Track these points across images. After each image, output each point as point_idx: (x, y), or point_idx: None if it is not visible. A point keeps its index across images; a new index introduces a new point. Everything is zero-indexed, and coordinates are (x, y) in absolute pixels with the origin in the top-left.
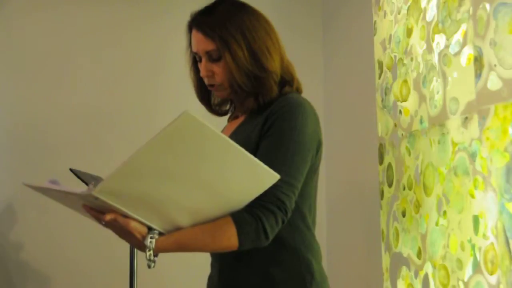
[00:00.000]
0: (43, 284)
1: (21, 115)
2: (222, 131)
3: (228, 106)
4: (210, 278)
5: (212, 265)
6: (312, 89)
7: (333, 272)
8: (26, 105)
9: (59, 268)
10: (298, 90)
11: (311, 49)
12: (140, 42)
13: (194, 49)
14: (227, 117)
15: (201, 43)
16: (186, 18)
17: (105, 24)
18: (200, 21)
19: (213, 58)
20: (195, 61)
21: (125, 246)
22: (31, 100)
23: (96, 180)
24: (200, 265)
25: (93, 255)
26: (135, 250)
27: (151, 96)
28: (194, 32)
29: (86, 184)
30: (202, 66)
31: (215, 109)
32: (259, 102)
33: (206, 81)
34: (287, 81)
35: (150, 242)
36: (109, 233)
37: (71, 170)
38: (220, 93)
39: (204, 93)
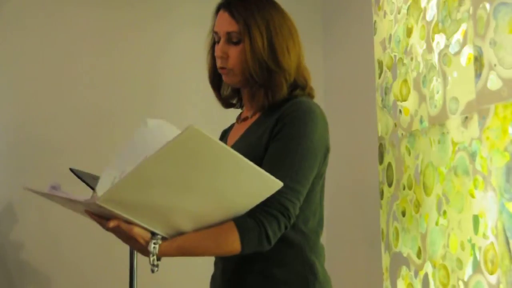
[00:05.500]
0: (43, 284)
1: (21, 115)
2: (230, 131)
3: (235, 101)
4: (213, 277)
5: (216, 265)
6: None
7: (333, 272)
8: (26, 105)
9: (59, 268)
10: (310, 96)
11: (311, 49)
12: (141, 43)
13: (216, 29)
14: (231, 118)
15: (225, 22)
16: (186, 19)
17: (106, 24)
18: (230, 3)
19: (232, 40)
20: (214, 45)
21: (125, 246)
22: (31, 100)
23: (97, 180)
24: (200, 265)
25: (93, 255)
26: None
27: (151, 96)
28: (221, 12)
29: (86, 184)
30: (218, 47)
31: (223, 99)
32: (268, 98)
33: (218, 62)
34: (300, 86)
35: (154, 247)
36: (109, 233)
37: (71, 170)
38: (230, 79)
39: (216, 79)
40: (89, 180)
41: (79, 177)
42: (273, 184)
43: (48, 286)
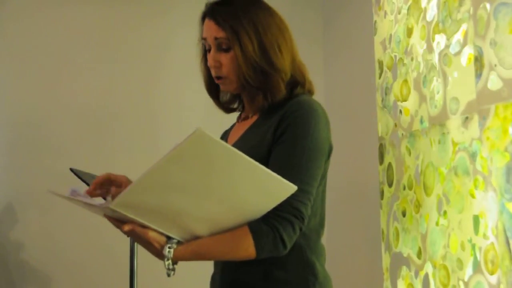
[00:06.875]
0: (43, 284)
1: (21, 115)
2: (231, 131)
3: (236, 104)
4: (213, 278)
5: (216, 265)
6: None
7: (333, 272)
8: (26, 105)
9: (59, 268)
10: (310, 92)
11: (311, 49)
12: (141, 42)
13: (204, 35)
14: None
15: (212, 30)
16: (187, 17)
17: (106, 23)
18: (213, 10)
19: (222, 47)
20: (205, 54)
21: (125, 246)
22: (31, 100)
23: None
24: (201, 264)
25: (93, 255)
26: (135, 250)
27: (151, 96)
28: (206, 20)
29: (86, 184)
30: (210, 56)
31: (223, 106)
32: (267, 100)
33: (213, 72)
34: (299, 82)
35: (168, 252)
36: (109, 233)
37: (71, 169)
38: (227, 87)
39: (213, 87)
40: (89, 180)
41: (79, 177)
42: (287, 188)
43: (48, 286)
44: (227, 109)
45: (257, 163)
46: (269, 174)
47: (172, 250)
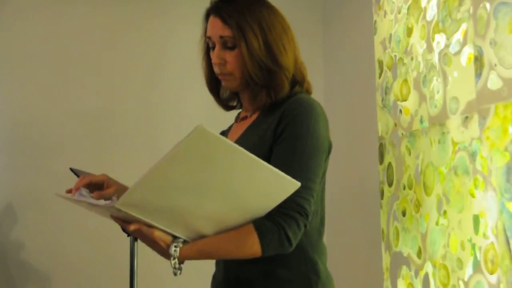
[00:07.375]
0: (43, 284)
1: (21, 115)
2: (229, 131)
3: (235, 103)
4: (214, 277)
5: (217, 264)
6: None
7: (333, 271)
8: (26, 105)
9: (59, 268)
10: (308, 92)
11: (311, 49)
12: (141, 42)
13: (209, 34)
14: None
15: (218, 28)
16: (186, 17)
17: (106, 24)
18: (219, 8)
19: (227, 45)
20: (207, 51)
21: (125, 246)
22: (31, 100)
23: None
24: (201, 264)
25: (93, 255)
26: (135, 250)
27: (151, 96)
28: (211, 18)
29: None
30: (214, 53)
31: (223, 103)
32: (271, 97)
33: (217, 69)
34: (298, 81)
35: (174, 250)
36: (109, 233)
37: (71, 169)
38: (230, 84)
39: (213, 84)
40: None
41: (79, 177)
42: (290, 185)
43: (49, 286)
44: (227, 107)
45: (260, 160)
46: (272, 170)
47: (178, 249)
